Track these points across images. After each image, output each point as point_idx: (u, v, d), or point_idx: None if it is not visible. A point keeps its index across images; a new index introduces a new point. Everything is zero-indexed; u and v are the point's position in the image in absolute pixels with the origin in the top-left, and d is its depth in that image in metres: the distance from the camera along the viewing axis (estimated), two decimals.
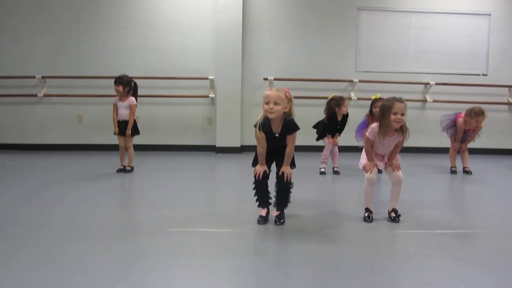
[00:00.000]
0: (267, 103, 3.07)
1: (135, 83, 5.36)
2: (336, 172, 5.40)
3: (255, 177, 3.22)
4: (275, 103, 3.06)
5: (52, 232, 3.01)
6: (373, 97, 5.31)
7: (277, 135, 3.17)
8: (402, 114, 3.20)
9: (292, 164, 3.30)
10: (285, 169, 3.20)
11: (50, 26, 7.21)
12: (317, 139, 5.53)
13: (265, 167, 3.21)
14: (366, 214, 3.38)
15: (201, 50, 7.30)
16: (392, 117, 3.21)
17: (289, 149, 3.20)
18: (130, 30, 7.24)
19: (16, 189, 4.40)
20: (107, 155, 6.47)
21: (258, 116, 3.19)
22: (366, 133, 3.39)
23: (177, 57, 7.28)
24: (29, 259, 2.51)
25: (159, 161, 6.36)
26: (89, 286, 2.16)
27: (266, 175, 3.22)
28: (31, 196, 4.08)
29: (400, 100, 3.22)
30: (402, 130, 3.31)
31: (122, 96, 5.23)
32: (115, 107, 5.29)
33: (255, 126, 3.17)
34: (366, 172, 3.37)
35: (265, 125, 3.13)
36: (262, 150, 3.20)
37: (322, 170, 5.42)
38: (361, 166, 3.46)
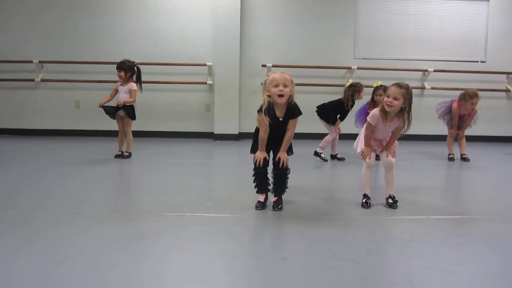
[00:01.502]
0: (276, 86, 3.03)
1: (138, 68, 5.32)
2: (339, 159, 5.39)
3: (255, 164, 3.21)
4: (284, 86, 3.03)
5: (48, 215, 3.02)
6: (374, 85, 5.27)
7: (281, 119, 3.15)
8: (395, 98, 3.17)
9: (290, 151, 3.29)
10: (282, 155, 3.18)
11: (48, 9, 7.16)
12: (327, 122, 5.35)
13: (265, 154, 3.19)
14: (363, 200, 3.39)
15: (199, 37, 7.26)
16: (385, 99, 3.21)
17: (289, 134, 3.19)
18: (129, 15, 7.20)
19: (12, 173, 4.41)
20: (104, 141, 6.46)
21: (260, 101, 3.16)
22: (368, 118, 3.38)
23: (175, 43, 7.24)
24: (24, 241, 2.51)
25: (157, 147, 6.36)
26: (85, 268, 2.17)
27: (266, 162, 3.21)
28: (27, 180, 4.08)
29: (398, 85, 3.20)
30: (403, 117, 3.27)
31: (124, 81, 5.20)
32: (114, 90, 5.26)
33: (259, 111, 3.13)
34: (364, 159, 3.38)
35: (270, 110, 3.09)
36: (264, 135, 3.17)
37: (323, 156, 5.34)
38: (358, 150, 3.45)
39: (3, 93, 7.31)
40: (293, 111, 3.14)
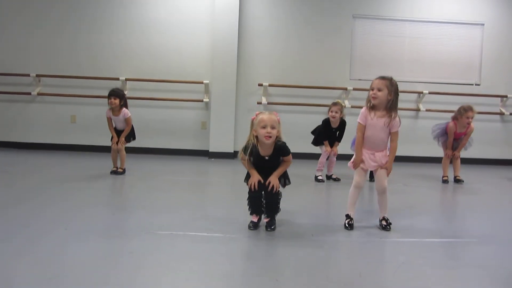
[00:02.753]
0: (263, 127, 3.03)
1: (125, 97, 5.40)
2: (335, 179, 5.41)
3: (250, 188, 3.20)
4: (272, 127, 3.04)
5: (38, 231, 2.98)
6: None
7: (266, 158, 3.16)
8: (379, 90, 3.22)
9: (287, 179, 3.31)
10: (273, 179, 3.15)
11: (46, 24, 7.21)
12: (314, 144, 5.52)
13: (258, 177, 3.17)
14: (346, 221, 3.36)
15: (196, 55, 7.31)
16: (370, 92, 3.28)
17: (284, 166, 3.22)
18: (127, 32, 7.25)
19: (4, 187, 4.36)
20: (99, 156, 6.45)
21: (246, 140, 3.19)
22: (358, 120, 3.38)
23: (172, 60, 7.28)
24: (13, 257, 2.48)
25: (152, 164, 6.34)
26: (76, 285, 2.14)
27: (261, 186, 3.17)
28: (18, 195, 4.05)
29: (382, 77, 3.32)
30: (391, 110, 3.28)
31: (116, 110, 5.20)
32: (110, 120, 5.28)
33: (242, 151, 3.18)
34: (354, 168, 3.37)
35: (251, 151, 3.13)
36: (249, 166, 3.22)
37: (320, 178, 5.38)
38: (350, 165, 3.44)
39: None
40: (282, 151, 3.16)
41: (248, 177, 3.26)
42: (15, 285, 2.14)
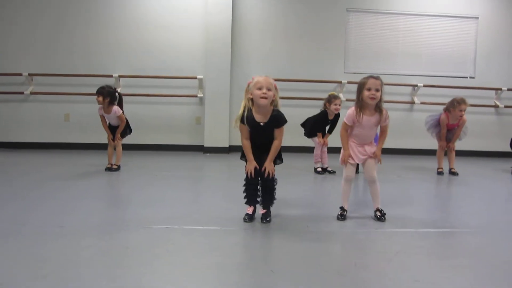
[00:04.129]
0: (259, 88, 3.02)
1: (120, 95, 5.33)
2: (330, 172, 5.43)
3: (247, 175, 3.20)
4: (268, 89, 3.03)
5: (34, 228, 2.97)
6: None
7: (262, 124, 3.13)
8: (377, 90, 3.18)
9: (279, 159, 3.28)
10: (268, 165, 3.15)
11: (38, 22, 7.15)
12: (308, 136, 5.56)
13: (255, 164, 3.16)
14: (339, 213, 3.40)
15: (190, 50, 7.29)
16: (366, 93, 3.19)
17: (277, 143, 3.17)
18: (120, 28, 7.21)
19: None
20: (93, 154, 6.42)
21: (240, 109, 3.16)
22: (344, 119, 3.38)
23: (166, 56, 7.26)
24: (9, 255, 2.47)
25: (147, 160, 6.33)
26: (72, 281, 2.13)
27: (257, 172, 3.17)
28: (13, 193, 4.02)
29: (375, 77, 3.22)
30: (380, 109, 3.27)
31: (104, 107, 5.17)
32: (103, 118, 5.26)
33: (236, 119, 3.16)
34: (343, 163, 3.38)
35: (247, 117, 3.11)
36: (246, 142, 3.18)
37: (319, 169, 5.44)
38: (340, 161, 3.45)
39: None
40: (277, 119, 3.13)
41: (243, 154, 3.25)
42: (10, 282, 2.13)
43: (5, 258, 2.42)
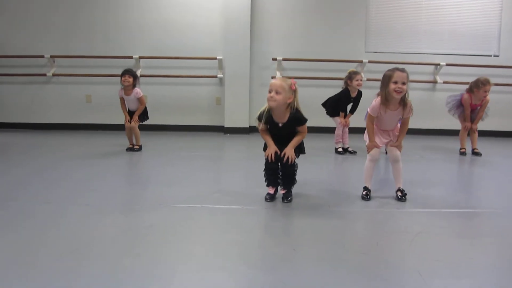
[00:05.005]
0: (269, 91, 3.07)
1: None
2: (351, 152, 5.40)
3: (267, 160, 3.22)
4: (276, 92, 3.03)
5: (60, 206, 3.05)
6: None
7: (280, 124, 3.16)
8: (403, 83, 3.13)
9: (301, 152, 3.31)
10: (288, 151, 3.14)
11: (59, 4, 7.17)
12: (330, 115, 5.52)
13: (275, 148, 3.17)
14: (364, 193, 3.41)
15: (209, 30, 7.25)
16: (392, 86, 3.14)
17: (299, 137, 3.20)
18: (139, 9, 7.20)
19: (24, 166, 4.44)
20: (115, 135, 6.50)
21: (263, 107, 3.19)
22: (368, 109, 3.37)
23: (185, 36, 7.24)
24: (36, 231, 2.54)
25: (168, 141, 6.38)
26: (96, 258, 2.19)
27: (277, 157, 3.18)
28: (39, 173, 4.11)
29: (401, 70, 3.16)
30: (405, 102, 3.24)
31: (129, 89, 5.22)
32: (123, 100, 5.32)
33: (257, 117, 3.22)
34: (369, 151, 3.39)
35: (266, 116, 3.15)
36: (266, 136, 3.24)
37: (340, 150, 5.41)
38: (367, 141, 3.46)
39: (15, 88, 7.36)
40: (297, 120, 3.15)
41: (266, 147, 3.28)
42: (39, 257, 2.20)
43: (34, 235, 2.49)
